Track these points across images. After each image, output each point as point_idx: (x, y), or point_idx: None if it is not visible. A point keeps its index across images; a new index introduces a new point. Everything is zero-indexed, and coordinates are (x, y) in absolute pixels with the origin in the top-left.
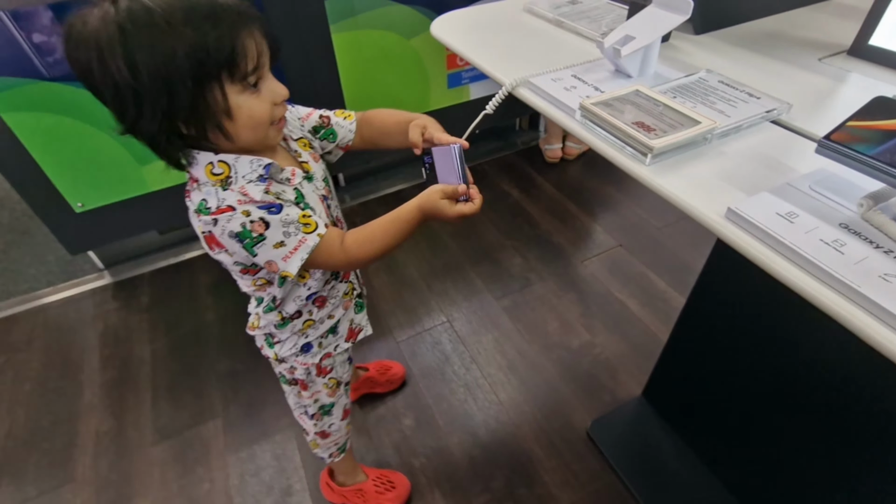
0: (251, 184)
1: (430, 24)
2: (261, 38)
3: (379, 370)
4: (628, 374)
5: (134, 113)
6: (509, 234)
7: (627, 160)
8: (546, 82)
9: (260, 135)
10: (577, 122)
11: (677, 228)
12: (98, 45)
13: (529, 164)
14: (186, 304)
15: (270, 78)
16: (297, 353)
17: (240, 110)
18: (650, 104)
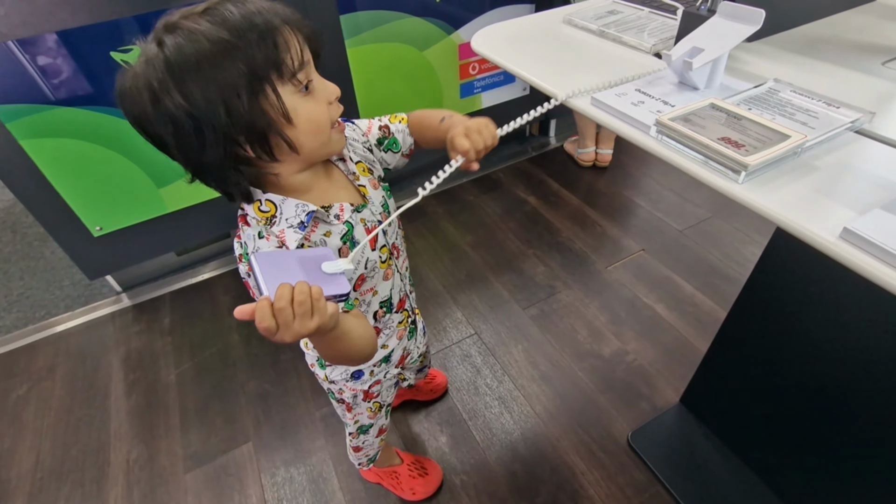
0: (291, 229)
1: (459, 44)
2: (300, 36)
3: (424, 379)
4: (664, 381)
5: (196, 144)
6: (530, 243)
7: (716, 178)
8: (611, 98)
9: (323, 138)
10: (652, 139)
11: (698, 231)
12: (150, 88)
13: (542, 169)
14: (210, 324)
15: (319, 77)
16: (348, 379)
17: (297, 113)
18: (730, 118)
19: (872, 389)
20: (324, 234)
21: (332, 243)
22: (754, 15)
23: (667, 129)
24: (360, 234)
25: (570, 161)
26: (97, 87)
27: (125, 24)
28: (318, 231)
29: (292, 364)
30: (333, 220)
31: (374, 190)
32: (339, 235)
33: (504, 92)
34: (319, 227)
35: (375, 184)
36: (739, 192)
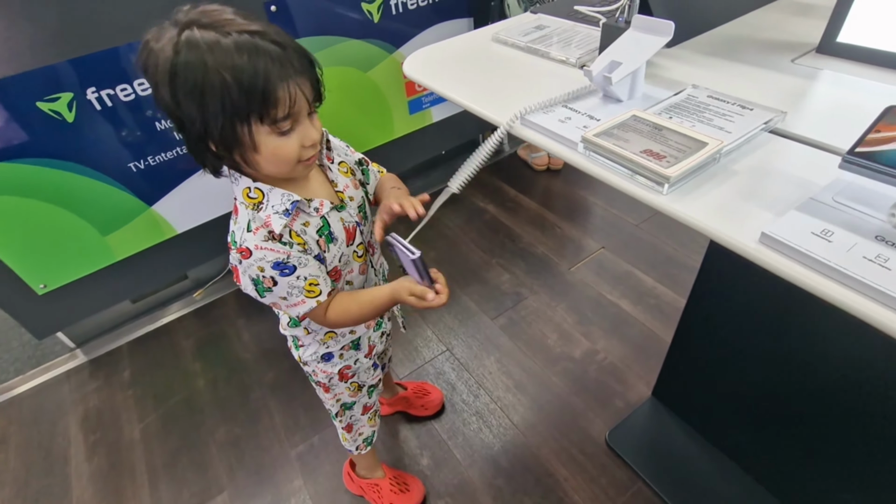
0: (276, 215)
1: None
2: (304, 86)
3: (416, 392)
4: (635, 376)
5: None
6: (493, 252)
7: (642, 190)
8: (540, 117)
9: (283, 170)
10: (580, 154)
11: (653, 223)
12: (154, 73)
13: (498, 177)
14: (172, 372)
15: (306, 123)
16: (318, 361)
17: (265, 147)
18: (651, 129)
19: (839, 362)
20: (303, 224)
21: (309, 234)
22: (664, 27)
23: (592, 146)
24: (337, 232)
25: (525, 166)
26: (26, 139)
27: (48, 72)
28: (298, 220)
29: (262, 402)
30: (313, 213)
31: (355, 190)
32: (316, 228)
33: (453, 105)
34: (300, 216)
35: (356, 184)
36: (665, 204)
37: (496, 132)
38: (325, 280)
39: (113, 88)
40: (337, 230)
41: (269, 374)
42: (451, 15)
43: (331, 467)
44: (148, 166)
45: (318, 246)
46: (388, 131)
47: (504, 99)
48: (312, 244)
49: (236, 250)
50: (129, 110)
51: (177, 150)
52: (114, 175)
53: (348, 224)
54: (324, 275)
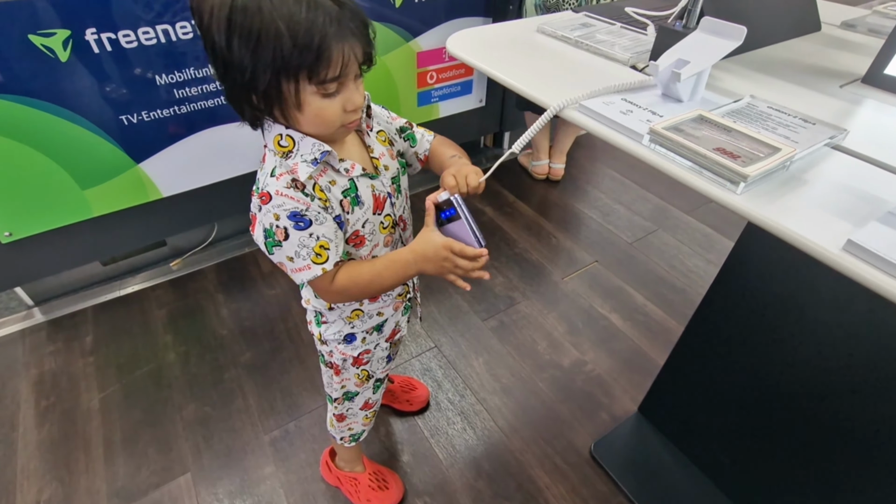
0: (304, 163)
1: (418, 52)
2: (356, 48)
3: (403, 386)
4: (621, 390)
5: (220, 71)
6: (490, 254)
7: (713, 188)
8: (599, 105)
9: (323, 131)
10: (645, 147)
11: (645, 243)
12: (210, 12)
13: (498, 181)
14: (141, 342)
15: (352, 85)
16: (340, 342)
17: (308, 107)
18: (720, 129)
19: (828, 397)
20: (329, 182)
21: (333, 193)
22: (736, 31)
23: (660, 138)
24: (365, 197)
25: (524, 173)
26: (12, 73)
27: (47, 4)
28: (325, 176)
29: (237, 383)
30: (342, 171)
31: (391, 160)
32: (342, 189)
33: (461, 102)
34: (327, 173)
35: (393, 154)
36: (739, 203)
37: (549, 110)
38: (337, 247)
39: (115, 33)
40: (365, 195)
41: (247, 354)
42: (470, 12)
43: (306, 456)
44: (141, 121)
45: (340, 207)
46: None
47: (552, 84)
48: (335, 203)
49: (257, 196)
50: (128, 59)
51: (174, 108)
52: (103, 125)
53: (379, 193)
54: (337, 240)
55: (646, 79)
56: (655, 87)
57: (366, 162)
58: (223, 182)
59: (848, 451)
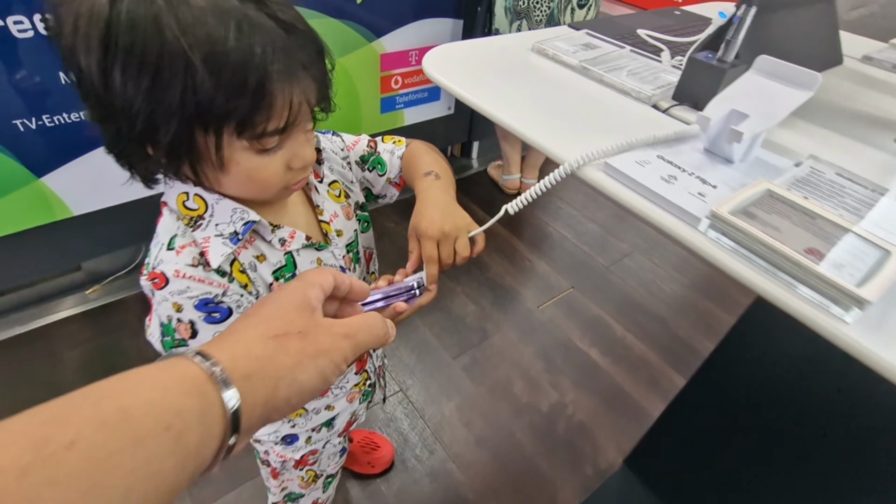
0: (219, 238)
1: (381, 54)
2: (309, 90)
3: (364, 446)
4: (606, 437)
5: (98, 115)
6: (458, 278)
7: (811, 311)
8: (632, 167)
9: (261, 195)
10: (703, 235)
11: (622, 267)
12: (75, 26)
13: (466, 195)
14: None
15: (300, 137)
16: (276, 442)
17: (236, 167)
18: (799, 214)
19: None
20: (255, 258)
21: (261, 273)
22: (807, 77)
23: (728, 228)
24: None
25: (494, 187)
26: None
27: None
28: (249, 249)
29: None
30: (275, 245)
31: (347, 220)
32: (275, 267)
33: (427, 110)
34: (255, 243)
35: (349, 212)
36: (850, 338)
37: (557, 170)
38: None
39: (3, 19)
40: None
41: None
42: (440, 13)
43: None
44: (42, 127)
45: (266, 291)
46: (354, 128)
47: (559, 126)
48: (262, 287)
49: (147, 275)
50: (22, 52)
51: (81, 112)
52: None
53: (326, 267)
54: None
55: (683, 127)
56: (695, 139)
57: (311, 227)
58: (147, 199)
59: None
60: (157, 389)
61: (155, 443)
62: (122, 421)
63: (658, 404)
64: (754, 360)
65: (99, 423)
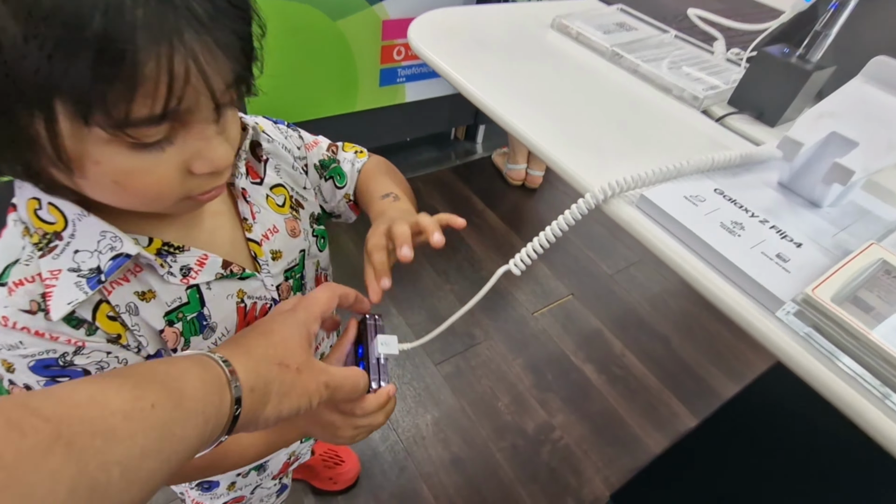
0: (72, 274)
1: (384, 20)
2: (211, 59)
3: (326, 459)
4: (592, 468)
5: None
6: (448, 276)
7: None
8: (677, 204)
9: (143, 208)
10: (783, 324)
11: (627, 276)
12: None
13: (467, 183)
14: None
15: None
16: (192, 487)
17: (95, 167)
18: None
19: None
20: (138, 295)
21: (144, 318)
22: None
23: (830, 325)
24: (218, 315)
25: (498, 176)
26: None
27: None
28: (130, 284)
29: None
30: (171, 277)
31: (290, 238)
32: (167, 309)
33: (432, 86)
34: (141, 275)
35: (295, 227)
36: None
37: (580, 202)
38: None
39: None
40: (219, 312)
41: None
42: None
43: None
44: None
45: (155, 339)
46: (350, 101)
47: (581, 133)
48: (147, 336)
49: None
50: None
51: None
52: None
53: (251, 302)
54: None
55: (755, 151)
56: (765, 168)
57: (237, 247)
58: None
59: None
60: (199, 381)
61: (194, 421)
62: (181, 399)
63: (654, 435)
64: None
65: (168, 397)
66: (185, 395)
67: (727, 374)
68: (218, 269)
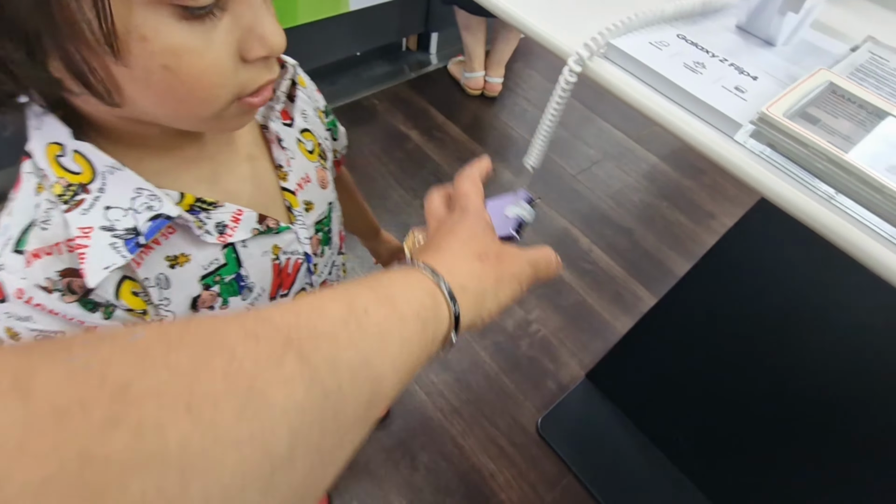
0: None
1: None
2: None
3: None
4: (568, 353)
5: None
6: (416, 191)
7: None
8: (645, 50)
9: (190, 113)
10: (739, 147)
11: (590, 175)
12: None
13: (424, 96)
14: None
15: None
16: None
17: (142, 45)
18: (874, 119)
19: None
20: (170, 262)
21: (176, 287)
22: None
23: (784, 139)
24: (257, 276)
25: (456, 86)
26: None
27: None
28: (161, 248)
29: None
30: (207, 236)
31: (321, 189)
32: (202, 273)
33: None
34: (173, 237)
35: (324, 178)
36: None
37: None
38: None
39: None
40: (257, 272)
41: None
42: None
43: None
44: None
45: (191, 307)
46: (289, 14)
47: None
48: (175, 309)
49: None
50: None
51: None
52: None
53: (285, 258)
54: None
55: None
56: (724, 13)
57: (266, 199)
58: None
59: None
60: (407, 287)
61: (411, 324)
62: (391, 303)
63: (623, 319)
64: (732, 283)
65: (379, 302)
66: (397, 300)
67: (685, 256)
68: (254, 224)
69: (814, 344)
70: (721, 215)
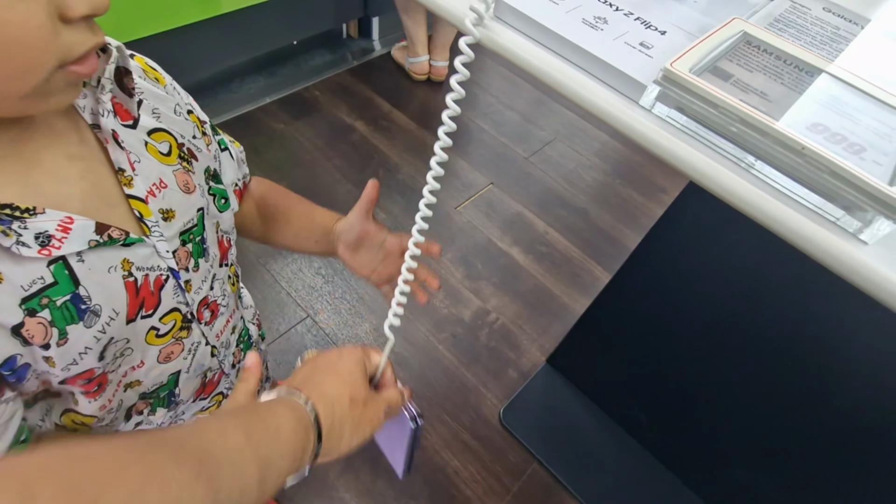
0: None
1: None
2: None
3: None
4: (528, 339)
5: None
6: (363, 184)
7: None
8: (539, 5)
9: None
10: (645, 112)
11: (542, 157)
12: None
13: (368, 84)
14: None
15: None
16: None
17: None
18: (793, 71)
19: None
20: None
21: None
22: None
23: (691, 100)
24: (100, 295)
25: (401, 73)
26: None
27: None
28: None
29: None
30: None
31: (185, 195)
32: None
33: None
34: None
35: (188, 183)
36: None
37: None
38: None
39: None
40: (100, 290)
41: None
42: None
43: None
44: None
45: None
46: (212, 3)
47: None
48: None
49: None
50: None
51: None
52: None
53: (142, 275)
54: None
55: None
56: None
57: (109, 207)
58: None
59: (777, 408)
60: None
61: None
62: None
63: (581, 300)
64: (681, 255)
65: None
66: (282, 436)
67: (640, 232)
68: (91, 234)
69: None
70: (672, 189)
